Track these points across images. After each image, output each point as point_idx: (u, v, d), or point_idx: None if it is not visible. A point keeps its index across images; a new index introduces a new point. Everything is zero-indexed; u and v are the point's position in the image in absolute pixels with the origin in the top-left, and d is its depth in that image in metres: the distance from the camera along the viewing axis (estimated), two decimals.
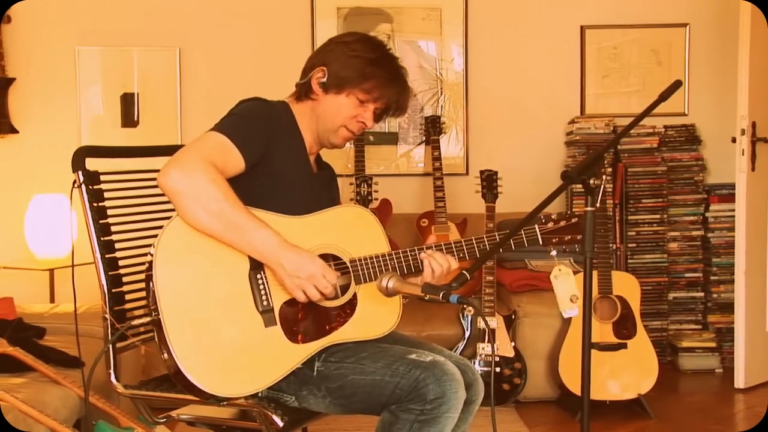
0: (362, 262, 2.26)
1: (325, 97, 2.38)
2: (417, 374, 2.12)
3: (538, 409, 4.17)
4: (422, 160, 5.22)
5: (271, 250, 2.11)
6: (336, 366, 2.22)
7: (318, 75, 2.37)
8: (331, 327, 2.24)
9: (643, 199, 4.92)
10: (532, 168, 5.14)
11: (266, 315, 2.16)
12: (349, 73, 2.34)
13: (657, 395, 4.14)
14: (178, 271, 2.12)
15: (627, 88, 5.24)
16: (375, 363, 2.19)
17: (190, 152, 2.13)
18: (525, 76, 5.24)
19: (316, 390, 2.22)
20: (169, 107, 5.08)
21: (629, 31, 5.22)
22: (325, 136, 2.42)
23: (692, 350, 4.79)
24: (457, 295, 1.95)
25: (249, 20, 5.12)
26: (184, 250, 2.13)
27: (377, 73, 2.36)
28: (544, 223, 2.32)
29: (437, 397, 2.11)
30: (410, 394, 2.12)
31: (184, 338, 2.08)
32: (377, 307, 2.28)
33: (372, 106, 2.40)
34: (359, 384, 2.17)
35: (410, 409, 2.12)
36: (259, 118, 2.29)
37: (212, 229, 2.10)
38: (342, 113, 2.38)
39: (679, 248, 4.97)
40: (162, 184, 2.09)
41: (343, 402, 2.22)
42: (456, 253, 2.31)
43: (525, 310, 4.25)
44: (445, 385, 2.12)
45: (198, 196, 2.07)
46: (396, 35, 5.17)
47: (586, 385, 1.95)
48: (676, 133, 5.04)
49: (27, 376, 2.81)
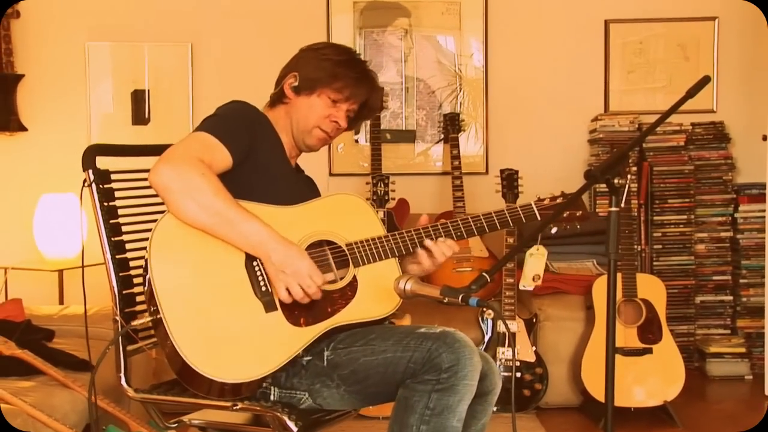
0: (359, 245, 2.33)
1: (297, 99, 2.51)
2: (429, 345, 2.15)
3: (560, 415, 4.17)
4: (440, 159, 5.22)
5: (260, 241, 2.18)
6: (346, 352, 2.25)
7: (290, 81, 2.51)
8: (333, 309, 2.28)
9: (669, 199, 4.89)
10: (555, 167, 5.12)
11: (266, 300, 2.20)
12: (319, 74, 2.48)
13: (684, 402, 4.11)
14: (173, 266, 2.17)
15: (653, 84, 5.22)
16: (385, 342, 2.22)
17: (178, 150, 2.22)
18: (547, 71, 5.23)
19: (329, 380, 2.25)
20: (181, 104, 5.10)
21: (655, 25, 5.20)
22: (300, 138, 2.53)
23: (720, 356, 4.76)
24: (476, 298, 1.95)
25: (263, 14, 5.14)
26: (178, 245, 2.18)
27: (346, 73, 2.48)
28: (540, 200, 2.42)
29: (452, 365, 2.13)
30: (424, 365, 2.14)
31: (185, 330, 2.12)
32: (379, 288, 2.32)
33: (344, 106, 2.51)
34: (371, 365, 2.21)
35: (426, 380, 2.14)
36: (241, 116, 2.40)
37: (203, 222, 2.17)
38: (315, 113, 2.49)
39: (706, 250, 4.95)
40: (153, 181, 2.17)
41: (358, 388, 2.24)
42: (453, 233, 2.40)
43: (546, 313, 4.24)
44: (458, 351, 2.14)
45: (189, 191, 2.15)
46: (414, 30, 5.17)
47: (610, 391, 1.94)
48: (703, 131, 5.01)
49: (36, 379, 2.83)
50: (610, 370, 1.94)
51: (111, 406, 2.73)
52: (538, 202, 2.43)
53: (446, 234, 2.39)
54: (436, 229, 2.39)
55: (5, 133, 4.95)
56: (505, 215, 2.40)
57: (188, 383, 2.19)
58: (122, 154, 2.55)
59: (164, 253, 2.16)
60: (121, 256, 2.41)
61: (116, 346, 2.38)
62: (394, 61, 5.18)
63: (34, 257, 4.83)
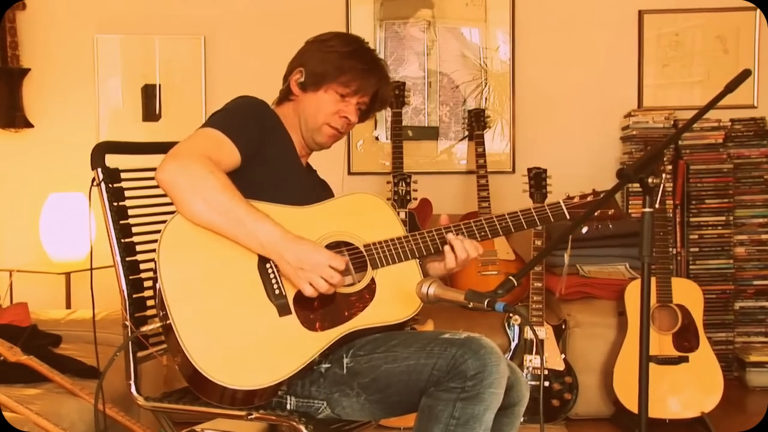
0: (377, 246, 2.33)
1: (304, 95, 2.52)
2: (453, 351, 2.15)
3: (591, 427, 4.16)
4: (465, 157, 5.22)
5: (272, 241, 2.17)
6: (366, 359, 2.25)
7: (296, 77, 2.52)
8: (350, 313, 2.28)
9: (706, 200, 4.87)
10: (585, 165, 5.11)
11: (280, 304, 2.21)
12: (325, 69, 2.48)
13: (722, 414, 4.09)
14: (183, 269, 2.18)
15: (689, 79, 5.20)
16: (407, 348, 2.22)
17: (184, 147, 2.23)
18: (577, 65, 5.21)
19: (348, 389, 2.24)
20: (194, 99, 5.13)
21: (692, 16, 5.18)
22: (309, 135, 2.53)
23: (761, 365, 4.73)
24: (503, 303, 1.94)
25: (279, 6, 5.16)
26: (188, 247, 2.19)
27: (353, 65, 2.48)
28: (570, 198, 2.41)
29: (478, 372, 2.12)
30: (449, 373, 2.14)
31: (195, 335, 2.12)
32: (398, 291, 2.32)
33: (353, 100, 2.51)
34: (394, 372, 2.20)
35: (451, 389, 2.14)
36: (250, 112, 2.41)
37: (212, 221, 2.17)
38: (323, 110, 2.50)
39: (746, 253, 4.92)
40: (159, 179, 2.18)
41: (379, 397, 2.24)
42: (477, 233, 2.39)
43: (576, 319, 4.23)
44: (484, 358, 2.13)
45: (197, 188, 2.15)
46: (437, 22, 5.17)
47: (643, 401, 1.93)
48: (743, 128, 4.98)
49: (42, 386, 2.85)
50: (643, 379, 1.93)
51: (120, 415, 2.75)
52: (567, 200, 2.42)
53: (469, 234, 2.39)
54: (459, 228, 2.38)
55: (10, 130, 4.99)
56: (532, 214, 2.39)
57: (200, 391, 2.20)
58: (132, 151, 2.57)
59: (174, 255, 2.17)
60: (131, 258, 2.42)
61: (125, 353, 2.39)
62: (417, 54, 5.18)
63: (40, 259, 4.86)
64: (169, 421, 2.47)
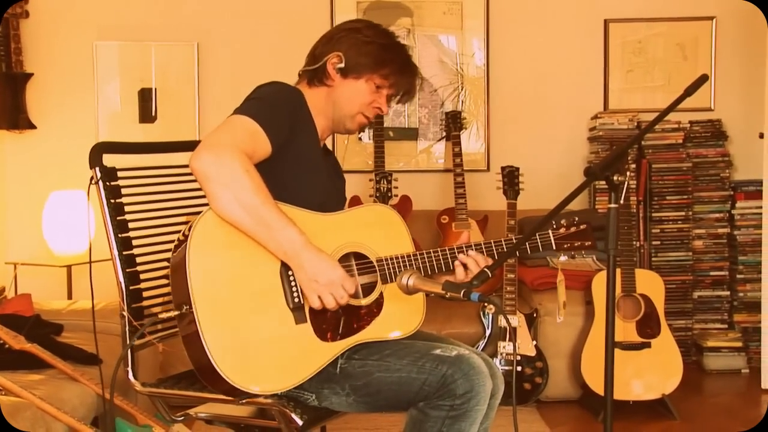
0: (389, 262, 2.28)
1: (343, 82, 2.39)
2: (444, 370, 2.13)
3: (560, 409, 4.17)
4: (442, 156, 5.22)
5: (294, 249, 2.10)
6: (360, 364, 2.22)
7: (334, 60, 2.37)
8: (359, 325, 2.25)
9: (667, 196, 4.89)
10: (555, 164, 5.12)
11: (297, 312, 2.15)
12: (366, 60, 2.36)
13: (681, 396, 4.11)
14: (212, 265, 2.10)
15: (652, 83, 5.21)
16: (400, 360, 2.19)
17: (222, 136, 2.11)
18: (547, 70, 5.22)
19: (339, 389, 2.22)
20: (188, 102, 5.10)
21: (654, 25, 5.19)
22: (341, 122, 2.43)
23: (718, 350, 4.76)
24: (478, 293, 1.94)
25: (268, 14, 5.14)
26: (218, 243, 2.11)
27: (393, 59, 2.39)
28: (556, 229, 2.35)
29: (466, 392, 2.12)
30: (439, 390, 2.13)
31: (217, 330, 2.07)
32: (402, 307, 2.30)
33: (386, 92, 2.42)
34: (385, 382, 2.18)
35: (440, 406, 2.13)
36: (283, 101, 2.29)
37: (240, 220, 2.08)
38: (360, 99, 2.40)
39: (704, 246, 4.95)
40: (194, 168, 2.07)
41: (368, 400, 2.22)
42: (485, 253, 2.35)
43: (547, 308, 4.23)
44: (473, 379, 2.13)
45: (230, 184, 2.05)
46: (416, 29, 5.16)
47: (609, 384, 1.94)
48: (701, 129, 5.01)
49: (45, 373, 2.83)
50: (609, 364, 1.94)
51: (118, 400, 2.73)
52: (555, 231, 2.35)
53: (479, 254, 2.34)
54: (470, 248, 2.34)
55: (15, 131, 4.95)
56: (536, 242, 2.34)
57: (206, 380, 2.15)
58: (129, 151, 2.55)
59: (204, 250, 2.09)
60: (128, 252, 2.40)
61: (123, 341, 2.38)
62: None
63: (43, 253, 4.83)
64: (165, 405, 2.45)
